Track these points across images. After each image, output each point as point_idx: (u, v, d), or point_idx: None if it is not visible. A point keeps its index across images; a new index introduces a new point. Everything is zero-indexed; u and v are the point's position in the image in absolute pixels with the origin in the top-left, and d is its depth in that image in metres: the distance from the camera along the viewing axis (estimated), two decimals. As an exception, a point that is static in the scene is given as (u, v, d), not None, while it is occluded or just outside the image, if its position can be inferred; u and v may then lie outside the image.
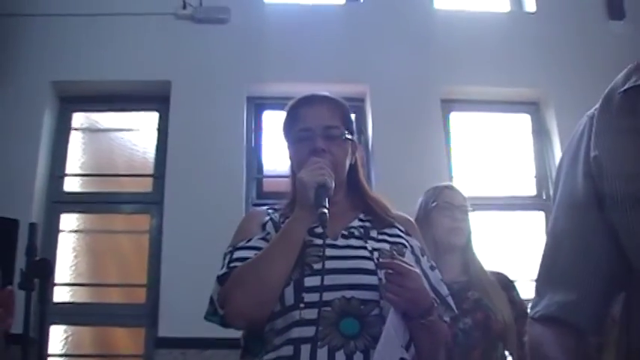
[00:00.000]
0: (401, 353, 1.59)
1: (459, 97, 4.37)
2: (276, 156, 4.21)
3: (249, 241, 1.73)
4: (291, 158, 1.86)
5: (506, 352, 2.53)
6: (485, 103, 4.45)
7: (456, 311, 1.78)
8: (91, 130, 4.27)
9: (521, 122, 4.50)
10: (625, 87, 1.07)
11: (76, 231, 4.05)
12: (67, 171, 4.11)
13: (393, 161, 4.00)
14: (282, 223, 1.76)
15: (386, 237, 1.76)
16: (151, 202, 4.03)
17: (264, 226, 1.79)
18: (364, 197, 1.87)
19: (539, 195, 4.35)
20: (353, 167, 1.86)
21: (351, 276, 1.63)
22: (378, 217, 1.82)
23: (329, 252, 1.66)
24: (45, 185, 3.99)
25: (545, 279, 1.17)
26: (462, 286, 2.53)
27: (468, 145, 4.38)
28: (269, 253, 1.64)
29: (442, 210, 2.67)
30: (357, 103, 4.26)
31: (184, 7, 4.19)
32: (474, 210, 2.78)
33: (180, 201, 3.86)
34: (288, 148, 1.86)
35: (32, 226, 2.25)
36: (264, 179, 4.18)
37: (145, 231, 4.00)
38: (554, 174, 4.25)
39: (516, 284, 2.71)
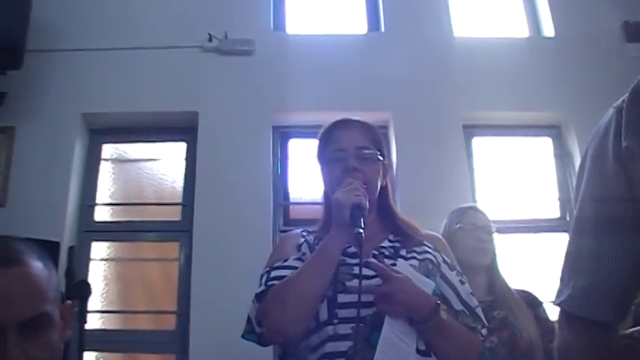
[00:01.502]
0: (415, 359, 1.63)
1: (481, 122, 4.42)
2: (301, 183, 4.27)
3: (285, 261, 1.79)
4: (324, 180, 1.93)
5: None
6: (506, 128, 4.49)
7: (485, 322, 1.82)
8: (120, 161, 4.36)
9: (543, 146, 4.54)
10: None
11: (106, 259, 4.12)
12: (98, 200, 4.20)
13: (417, 187, 4.03)
14: (317, 244, 1.82)
15: (415, 254, 1.82)
16: (180, 230, 4.09)
17: (299, 247, 1.85)
18: (394, 218, 1.93)
19: (562, 217, 4.36)
20: (383, 189, 1.93)
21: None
22: (407, 237, 1.88)
23: (363, 270, 1.73)
24: (76, 214, 4.07)
25: (569, 267, 1.17)
26: (488, 305, 2.56)
27: (491, 169, 4.41)
28: (306, 271, 1.70)
29: (466, 231, 2.72)
30: (381, 130, 4.32)
31: (210, 40, 4.29)
32: (498, 231, 2.82)
33: (208, 229, 3.91)
34: (322, 169, 1.94)
35: (71, 250, 2.33)
36: (291, 206, 4.23)
37: (174, 259, 4.07)
38: (577, 196, 4.29)
39: (544, 303, 2.74)
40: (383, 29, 4.61)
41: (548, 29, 4.75)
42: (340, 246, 1.73)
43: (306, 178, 4.26)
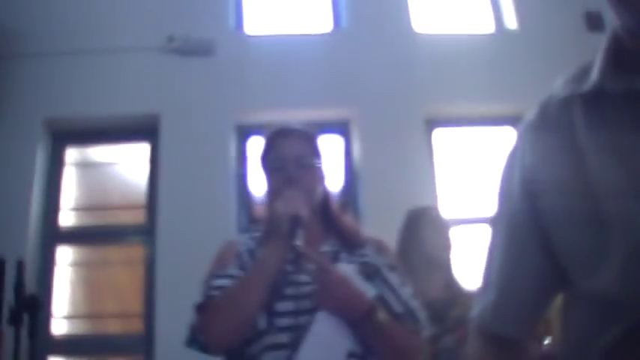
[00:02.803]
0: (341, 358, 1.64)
1: (443, 116, 4.45)
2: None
3: (225, 269, 1.80)
4: (266, 187, 1.94)
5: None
6: (468, 121, 4.51)
7: (422, 324, 1.83)
8: (84, 165, 4.35)
9: (505, 135, 4.56)
10: (563, 95, 1.05)
11: (72, 264, 4.11)
12: (62, 205, 4.17)
13: (381, 182, 4.05)
14: (257, 252, 1.84)
15: (355, 258, 1.83)
16: (145, 233, 4.09)
17: (239, 255, 1.86)
18: (335, 222, 1.95)
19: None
20: (325, 195, 1.94)
21: (308, 302, 1.70)
22: (347, 241, 1.89)
23: (300, 277, 1.74)
24: (40, 220, 4.05)
25: (484, 276, 1.16)
26: (445, 303, 2.58)
27: (454, 161, 4.43)
28: (245, 283, 1.72)
29: (433, 229, 2.75)
30: (343, 127, 4.35)
31: (170, 41, 4.27)
32: (457, 226, 2.85)
33: (172, 230, 3.91)
34: (264, 177, 1.95)
35: (20, 264, 2.33)
36: (255, 205, 4.24)
37: (140, 261, 4.06)
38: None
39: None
40: (345, 26, 4.62)
41: (511, 22, 4.77)
42: (278, 259, 1.74)
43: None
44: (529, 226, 1.06)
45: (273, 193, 1.87)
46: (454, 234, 2.86)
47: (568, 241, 1.00)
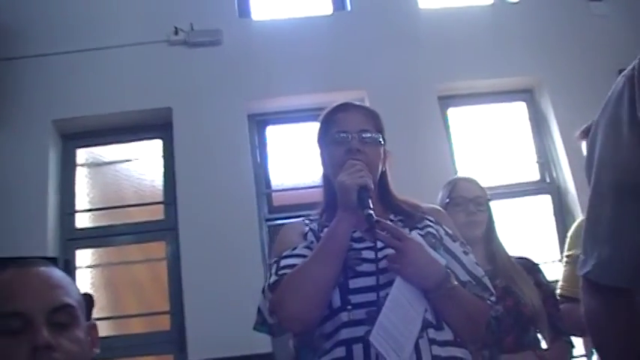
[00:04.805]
0: (418, 325, 1.62)
1: (455, 92, 4.44)
2: (282, 170, 4.25)
3: (294, 249, 1.77)
4: (324, 162, 1.91)
5: (539, 335, 2.57)
6: (480, 96, 4.51)
7: (493, 291, 1.82)
8: (96, 165, 4.28)
9: (518, 110, 4.56)
10: None
11: (92, 266, 4.06)
12: (77, 207, 4.12)
13: (398, 162, 4.00)
14: (322, 231, 1.80)
15: (418, 231, 1.81)
16: (165, 229, 4.05)
17: (305, 235, 1.83)
18: (393, 200, 1.92)
19: (542, 179, 4.41)
20: (383, 173, 1.91)
21: (391, 274, 1.67)
22: (408, 215, 1.87)
23: (368, 254, 1.71)
24: (57, 223, 3.99)
25: (591, 236, 1.19)
26: (489, 275, 2.56)
27: (469, 138, 4.43)
28: (318, 257, 1.68)
29: (456, 205, 2.71)
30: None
31: (176, 33, 4.21)
32: (490, 199, 2.82)
33: (194, 224, 3.88)
34: (322, 153, 1.92)
35: (67, 262, 2.28)
36: (274, 194, 4.21)
37: (162, 258, 4.02)
38: (554, 157, 4.33)
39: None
40: (349, 8, 4.58)
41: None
42: (349, 229, 1.71)
43: (286, 163, 4.24)
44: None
45: (335, 166, 1.83)
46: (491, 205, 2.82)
47: None
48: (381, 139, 1.88)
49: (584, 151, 2.75)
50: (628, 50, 4.36)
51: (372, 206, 1.67)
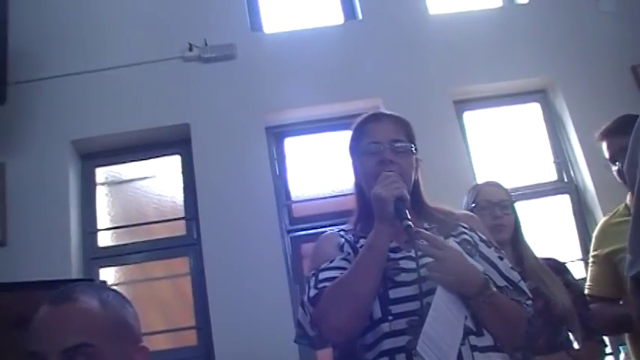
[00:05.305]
0: (460, 333, 1.62)
1: (470, 96, 4.44)
2: (301, 181, 4.26)
3: (331, 262, 1.78)
4: (357, 173, 1.92)
5: (571, 336, 2.57)
6: (495, 99, 4.51)
7: (530, 295, 1.83)
8: (116, 183, 4.30)
9: (532, 111, 4.57)
10: None
11: (116, 284, 4.06)
12: (99, 226, 4.14)
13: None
14: (357, 242, 1.82)
15: (453, 238, 1.82)
16: (187, 245, 4.06)
17: (341, 247, 1.84)
18: (427, 209, 1.93)
19: (560, 179, 4.41)
20: (416, 182, 1.92)
21: (430, 282, 1.68)
22: (442, 222, 1.88)
23: (405, 264, 1.72)
24: (79, 243, 4.01)
25: (638, 237, 1.19)
26: (518, 277, 2.57)
27: (486, 141, 4.43)
28: (358, 269, 1.69)
29: (481, 209, 2.71)
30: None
31: (190, 49, 4.24)
32: (515, 201, 2.82)
33: (216, 238, 3.89)
34: (354, 163, 1.93)
35: (103, 283, 2.30)
36: (294, 205, 4.21)
37: (186, 274, 4.03)
38: (571, 156, 4.33)
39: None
40: (360, 17, 4.59)
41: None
42: (388, 242, 1.72)
43: (305, 175, 4.25)
44: None
45: (368, 177, 1.84)
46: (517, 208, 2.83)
47: None
48: (412, 148, 1.89)
49: (604, 152, 2.77)
50: (639, 46, 4.39)
51: (409, 217, 1.68)
